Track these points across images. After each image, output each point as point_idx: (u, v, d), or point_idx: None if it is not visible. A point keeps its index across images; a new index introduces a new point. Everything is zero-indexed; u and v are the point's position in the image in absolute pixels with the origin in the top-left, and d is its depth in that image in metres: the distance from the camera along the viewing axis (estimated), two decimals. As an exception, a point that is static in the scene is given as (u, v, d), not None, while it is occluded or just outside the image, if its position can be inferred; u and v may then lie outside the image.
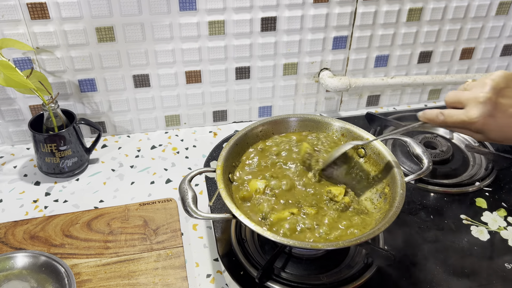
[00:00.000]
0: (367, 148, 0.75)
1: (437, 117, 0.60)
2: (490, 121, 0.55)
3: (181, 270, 0.72)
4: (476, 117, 0.55)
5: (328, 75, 1.03)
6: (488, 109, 0.55)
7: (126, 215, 0.81)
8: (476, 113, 0.55)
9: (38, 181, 0.90)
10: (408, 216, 0.79)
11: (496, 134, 0.56)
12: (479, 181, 0.86)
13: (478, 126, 0.56)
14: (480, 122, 0.55)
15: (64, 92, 0.93)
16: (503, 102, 0.55)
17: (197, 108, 1.03)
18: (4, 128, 0.96)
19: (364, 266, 0.67)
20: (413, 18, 1.01)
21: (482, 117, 0.55)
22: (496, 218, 0.79)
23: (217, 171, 0.66)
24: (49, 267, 0.68)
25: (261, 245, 0.72)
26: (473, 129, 0.57)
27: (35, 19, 0.84)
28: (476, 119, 0.55)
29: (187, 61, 0.95)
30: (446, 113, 0.59)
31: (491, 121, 0.55)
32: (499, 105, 0.55)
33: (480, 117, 0.55)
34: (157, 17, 0.88)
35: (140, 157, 0.97)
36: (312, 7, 0.94)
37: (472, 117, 0.55)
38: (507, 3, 1.04)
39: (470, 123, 0.56)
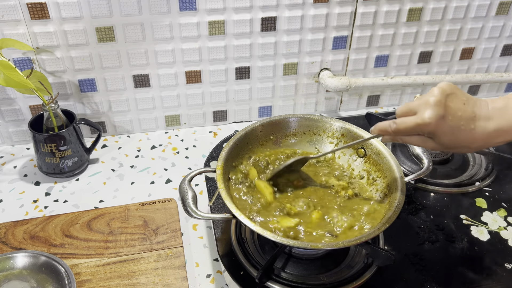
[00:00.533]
0: (367, 148, 0.75)
1: (390, 126, 0.60)
2: (442, 123, 0.56)
3: (181, 270, 0.72)
4: (429, 118, 0.55)
5: (328, 75, 1.03)
6: (439, 110, 0.55)
7: (126, 215, 0.81)
8: (429, 114, 0.55)
9: (38, 181, 0.90)
10: (408, 216, 0.79)
11: (448, 138, 0.57)
12: (479, 181, 0.86)
13: (431, 129, 0.56)
14: (433, 124, 0.55)
15: (64, 92, 0.93)
16: (451, 105, 0.56)
17: (197, 108, 1.03)
18: (4, 128, 0.96)
19: (364, 266, 0.67)
20: (413, 18, 1.01)
21: (435, 118, 0.55)
22: (496, 218, 0.79)
23: (217, 171, 0.66)
24: (49, 267, 0.68)
25: (261, 245, 0.72)
26: (426, 132, 0.57)
27: (35, 19, 0.84)
28: (429, 120, 0.55)
29: (187, 61, 0.95)
30: (398, 121, 0.59)
31: (443, 123, 0.56)
32: (449, 108, 0.56)
33: (433, 118, 0.55)
34: (157, 17, 0.88)
35: (140, 157, 0.97)
36: (312, 7, 0.94)
37: (425, 119, 0.56)
38: (507, 3, 1.04)
39: (423, 125, 0.56)
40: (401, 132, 0.59)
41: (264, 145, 0.77)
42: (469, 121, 0.56)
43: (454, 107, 0.56)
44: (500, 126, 0.56)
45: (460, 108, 0.56)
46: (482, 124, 0.57)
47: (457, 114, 0.56)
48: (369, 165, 0.74)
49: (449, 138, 0.57)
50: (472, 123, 0.57)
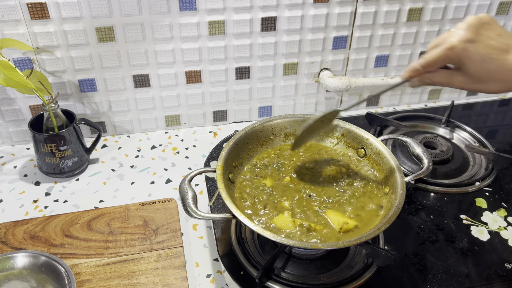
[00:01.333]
0: (367, 148, 0.75)
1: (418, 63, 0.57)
2: (470, 47, 0.53)
3: (181, 270, 0.72)
4: (457, 40, 0.53)
5: (328, 75, 1.03)
6: (468, 34, 0.52)
7: (126, 215, 0.81)
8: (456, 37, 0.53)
9: (38, 181, 0.90)
10: (408, 216, 0.79)
11: (476, 66, 0.53)
12: (479, 181, 0.86)
13: (458, 52, 0.53)
14: (461, 47, 0.53)
15: (64, 92, 0.93)
16: (485, 33, 0.53)
17: (197, 108, 1.03)
18: (4, 128, 0.96)
19: (364, 266, 0.67)
20: (413, 18, 1.01)
21: (463, 41, 0.52)
22: (496, 218, 0.79)
23: (217, 171, 0.66)
24: (49, 267, 0.68)
25: (261, 245, 0.72)
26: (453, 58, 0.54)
27: (35, 19, 0.84)
28: (457, 42, 0.53)
29: (187, 61, 0.95)
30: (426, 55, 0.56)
31: (471, 47, 0.53)
32: (481, 35, 0.53)
33: (460, 40, 0.52)
34: (157, 17, 0.88)
35: (140, 157, 0.97)
36: (312, 7, 0.94)
37: (452, 41, 0.53)
38: (507, 3, 1.04)
39: (451, 48, 0.53)
40: (430, 64, 0.56)
41: (264, 145, 0.77)
42: (502, 52, 0.53)
43: (487, 35, 0.53)
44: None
45: (493, 38, 0.53)
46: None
47: (488, 42, 0.53)
48: (369, 165, 0.74)
49: (478, 67, 0.53)
50: (506, 54, 0.53)
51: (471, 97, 1.19)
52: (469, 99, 1.19)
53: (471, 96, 1.19)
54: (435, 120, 1.02)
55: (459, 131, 1.00)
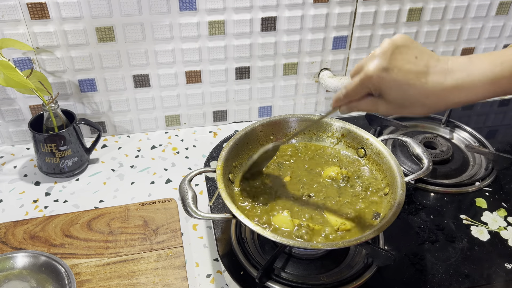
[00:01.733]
0: (367, 148, 0.75)
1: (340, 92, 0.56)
2: (386, 76, 0.51)
3: (181, 270, 0.72)
4: (372, 70, 0.51)
5: (328, 75, 1.03)
6: (382, 62, 0.51)
7: (126, 215, 0.81)
8: (371, 66, 0.52)
9: (38, 181, 0.90)
10: (408, 216, 0.79)
11: (396, 93, 0.52)
12: (479, 181, 0.86)
13: (375, 82, 0.52)
14: (376, 76, 0.51)
15: (64, 92, 0.93)
16: (400, 57, 0.52)
17: (197, 108, 1.03)
18: (4, 128, 0.96)
19: (364, 266, 0.67)
20: (413, 18, 1.01)
21: (377, 70, 0.51)
22: (496, 218, 0.79)
23: (217, 171, 0.66)
24: (49, 267, 0.68)
25: (261, 245, 0.72)
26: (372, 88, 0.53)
27: (35, 19, 0.84)
28: (371, 72, 0.51)
29: (187, 61, 0.95)
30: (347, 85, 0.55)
31: (387, 75, 0.51)
32: (396, 60, 0.51)
33: (375, 71, 0.51)
34: (157, 17, 0.88)
35: (140, 157, 0.97)
36: (312, 7, 0.94)
37: (367, 72, 0.52)
38: (507, 3, 1.04)
39: (366, 78, 0.52)
40: (350, 94, 0.55)
41: (264, 145, 0.77)
42: (419, 75, 0.51)
43: (402, 59, 0.51)
44: (460, 81, 0.51)
45: (410, 61, 0.51)
46: (437, 79, 0.51)
47: (404, 67, 0.51)
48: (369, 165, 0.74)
49: (397, 94, 0.52)
50: (424, 77, 0.51)
51: (471, 97, 1.19)
52: (469, 99, 1.19)
53: (471, 96, 1.19)
54: (435, 120, 1.02)
55: (459, 131, 1.00)
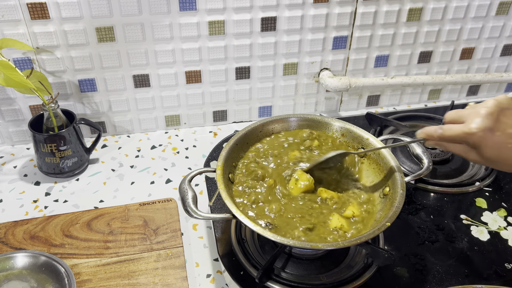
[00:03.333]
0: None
1: (436, 131, 0.59)
2: (488, 136, 0.54)
3: (181, 270, 0.72)
4: (476, 128, 0.54)
5: (328, 75, 1.03)
6: (488, 122, 0.54)
7: (126, 215, 0.81)
8: (476, 124, 0.54)
9: (38, 181, 0.90)
10: (408, 216, 0.79)
11: (492, 152, 0.56)
12: (479, 181, 0.86)
13: (475, 139, 0.55)
14: (479, 135, 0.55)
15: (64, 92, 0.93)
16: (504, 120, 0.55)
17: (197, 108, 1.03)
18: (4, 128, 0.96)
19: (364, 266, 0.67)
20: (413, 18, 1.01)
21: (482, 129, 0.54)
22: (496, 218, 0.79)
23: (217, 171, 0.66)
24: (49, 267, 0.68)
25: (261, 245, 0.72)
26: (470, 142, 0.56)
27: (35, 19, 0.84)
28: (475, 130, 0.54)
29: (187, 61, 0.95)
30: (445, 127, 0.58)
31: (489, 135, 0.54)
32: (500, 123, 0.55)
33: (480, 129, 0.54)
34: (157, 17, 0.88)
35: (140, 157, 0.97)
36: (312, 7, 0.94)
37: (472, 128, 0.55)
38: (507, 3, 1.04)
39: (469, 134, 0.55)
40: (446, 139, 0.58)
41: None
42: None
43: (506, 123, 0.55)
44: None
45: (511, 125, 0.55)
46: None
47: (507, 131, 0.54)
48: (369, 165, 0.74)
49: (493, 153, 0.55)
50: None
51: (471, 97, 1.19)
52: (469, 99, 1.19)
53: (471, 96, 1.19)
54: (435, 120, 1.02)
55: (459, 131, 0.99)
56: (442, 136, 0.58)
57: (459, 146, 0.59)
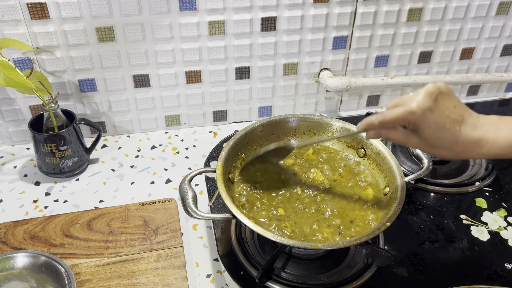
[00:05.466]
0: (367, 148, 0.75)
1: (376, 118, 0.59)
2: (428, 115, 0.55)
3: (181, 270, 0.72)
4: (417, 106, 0.55)
5: (328, 75, 1.03)
6: (428, 102, 0.55)
7: (126, 215, 0.81)
8: (416, 103, 0.55)
9: (38, 181, 0.90)
10: (408, 216, 0.79)
11: (431, 133, 0.56)
12: (479, 181, 0.86)
13: (416, 118, 0.55)
14: (419, 113, 0.55)
15: (64, 92, 0.93)
16: (442, 102, 0.56)
17: (197, 108, 1.03)
18: (4, 128, 0.96)
19: (364, 266, 0.67)
20: (413, 18, 1.01)
21: (422, 108, 0.55)
22: (496, 218, 0.79)
23: (217, 171, 0.66)
24: (49, 267, 0.68)
25: (261, 245, 0.72)
26: (411, 122, 0.56)
27: (35, 19, 0.84)
28: (416, 108, 0.55)
29: (187, 61, 0.95)
30: (385, 113, 0.58)
31: (429, 114, 0.55)
32: (438, 103, 0.55)
33: (420, 108, 0.55)
34: (157, 17, 0.88)
35: (140, 157, 0.97)
36: (312, 7, 0.94)
37: (412, 107, 0.55)
38: (507, 3, 1.04)
39: (410, 112, 0.55)
40: (387, 123, 0.58)
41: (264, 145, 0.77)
42: (455, 123, 0.56)
43: (444, 105, 0.56)
44: (486, 137, 0.56)
45: (449, 108, 0.56)
46: (468, 130, 0.56)
47: (444, 112, 0.56)
48: (369, 165, 0.74)
49: (432, 134, 0.56)
50: (458, 125, 0.56)
51: (471, 97, 1.19)
52: (469, 99, 1.19)
53: (471, 96, 1.19)
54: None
55: (459, 131, 0.99)
56: (383, 121, 0.58)
57: (400, 132, 0.59)
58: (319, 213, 0.67)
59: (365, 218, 0.66)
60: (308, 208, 0.67)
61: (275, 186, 0.71)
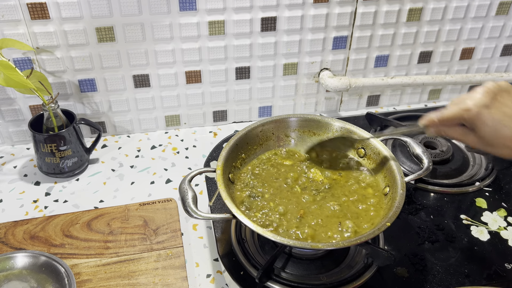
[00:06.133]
0: (367, 148, 0.75)
1: (435, 115, 0.60)
2: (484, 112, 0.55)
3: (181, 270, 0.72)
4: (473, 104, 0.55)
5: (328, 75, 1.03)
6: (484, 99, 0.55)
7: (126, 215, 0.81)
8: (472, 101, 0.56)
9: (38, 181, 0.90)
10: (408, 216, 0.79)
11: (488, 130, 0.56)
12: (479, 181, 0.86)
13: (472, 115, 0.56)
14: (475, 111, 0.55)
15: (64, 92, 0.93)
16: (501, 100, 0.56)
17: (197, 108, 1.03)
18: (4, 128, 0.96)
19: (364, 266, 0.67)
20: (413, 18, 1.01)
21: (478, 105, 0.55)
22: (496, 218, 0.79)
23: (217, 171, 0.66)
24: (49, 267, 0.68)
25: (261, 245, 0.72)
26: (468, 120, 0.57)
27: (35, 19, 0.84)
28: (472, 106, 0.55)
29: (187, 61, 0.95)
30: (443, 110, 0.59)
31: (485, 112, 0.55)
32: (497, 101, 0.55)
33: (476, 105, 0.55)
34: (157, 17, 0.88)
35: (140, 157, 0.97)
36: (312, 7, 0.94)
37: (468, 104, 0.56)
38: (507, 3, 1.04)
39: (466, 110, 0.56)
40: (445, 120, 0.59)
41: (264, 145, 0.77)
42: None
43: (502, 102, 0.55)
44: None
45: (508, 105, 0.55)
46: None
47: (503, 109, 0.55)
48: (369, 165, 0.74)
49: (490, 132, 0.56)
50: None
51: (471, 97, 1.19)
52: (469, 99, 1.19)
53: (471, 96, 1.19)
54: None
55: (459, 131, 0.99)
56: (442, 117, 0.59)
57: (458, 129, 0.59)
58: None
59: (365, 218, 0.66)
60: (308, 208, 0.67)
61: (275, 186, 0.71)
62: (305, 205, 0.68)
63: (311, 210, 0.67)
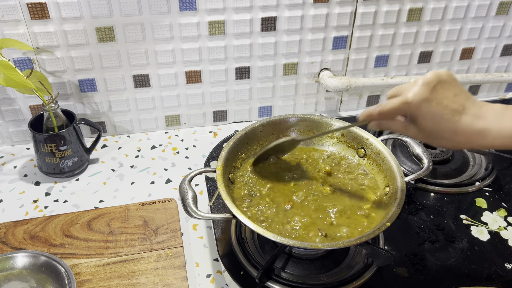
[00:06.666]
0: (367, 148, 0.75)
1: (374, 109, 0.58)
2: (425, 106, 0.54)
3: (181, 270, 0.72)
4: (412, 97, 0.54)
5: (328, 75, 1.03)
6: (424, 92, 0.54)
7: (126, 215, 0.81)
8: (412, 94, 0.54)
9: (38, 181, 0.90)
10: (408, 216, 0.79)
11: (428, 123, 0.55)
12: (479, 181, 0.86)
13: (412, 109, 0.55)
14: (415, 104, 0.54)
15: (64, 92, 0.93)
16: (441, 91, 0.54)
17: (197, 108, 1.03)
18: (4, 128, 0.96)
19: (364, 266, 0.67)
20: (413, 18, 1.01)
21: (418, 98, 0.54)
22: (496, 218, 0.79)
23: (217, 171, 0.66)
24: (49, 267, 0.68)
25: (261, 245, 0.72)
26: (408, 113, 0.56)
27: (35, 19, 0.84)
28: (411, 99, 0.54)
29: (187, 61, 0.95)
30: (383, 103, 0.58)
31: (426, 105, 0.54)
32: (437, 93, 0.54)
33: (415, 98, 0.54)
34: (157, 17, 0.88)
35: (140, 157, 0.97)
36: (312, 7, 0.94)
37: (408, 97, 0.54)
38: (507, 3, 1.04)
39: (405, 103, 0.55)
40: (385, 113, 0.57)
41: (264, 145, 0.77)
42: (454, 113, 0.54)
43: (442, 94, 0.54)
44: (489, 127, 0.54)
45: (448, 97, 0.54)
46: (469, 120, 0.54)
47: (443, 102, 0.54)
48: (369, 165, 0.74)
49: (429, 124, 0.55)
50: (458, 115, 0.54)
51: (471, 97, 1.19)
52: (469, 99, 1.19)
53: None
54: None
55: (459, 131, 0.99)
56: (381, 112, 0.57)
57: (399, 122, 0.58)
58: (318, 213, 0.67)
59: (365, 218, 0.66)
60: (308, 208, 0.67)
61: (274, 185, 0.71)
62: (299, 204, 0.68)
63: (305, 206, 0.67)
